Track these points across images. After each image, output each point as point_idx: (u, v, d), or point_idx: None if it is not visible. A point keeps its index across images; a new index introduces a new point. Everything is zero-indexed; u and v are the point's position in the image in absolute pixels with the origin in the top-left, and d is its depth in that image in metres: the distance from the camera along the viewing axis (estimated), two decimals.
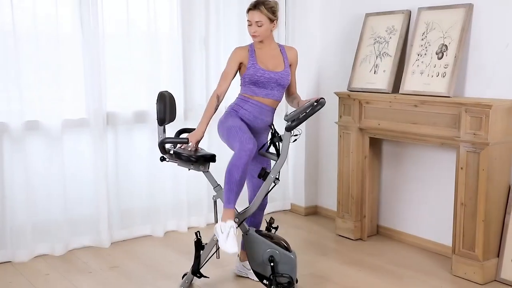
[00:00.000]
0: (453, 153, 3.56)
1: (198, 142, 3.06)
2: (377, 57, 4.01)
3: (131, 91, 4.02)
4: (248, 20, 3.09)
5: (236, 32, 4.40)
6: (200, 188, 4.33)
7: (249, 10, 3.08)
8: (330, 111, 4.25)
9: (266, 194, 3.03)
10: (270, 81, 3.10)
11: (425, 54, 3.68)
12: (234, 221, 2.87)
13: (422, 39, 3.72)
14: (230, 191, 2.82)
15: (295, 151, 4.75)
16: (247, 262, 3.26)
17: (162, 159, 3.06)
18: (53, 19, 3.63)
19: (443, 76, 3.53)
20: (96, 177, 3.87)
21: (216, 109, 3.13)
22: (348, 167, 4.10)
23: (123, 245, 3.96)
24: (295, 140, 2.95)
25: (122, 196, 4.04)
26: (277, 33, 4.64)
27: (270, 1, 3.07)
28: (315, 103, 2.86)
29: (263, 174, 2.95)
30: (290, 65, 3.22)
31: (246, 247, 3.04)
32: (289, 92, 3.33)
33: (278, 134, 2.95)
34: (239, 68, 3.16)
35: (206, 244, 3.09)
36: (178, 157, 3.01)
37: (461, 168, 3.33)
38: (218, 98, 3.11)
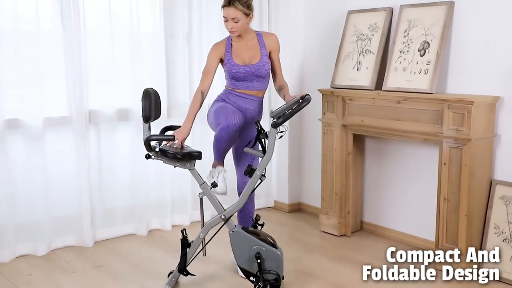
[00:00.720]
0: (436, 149, 3.60)
1: (184, 139, 3.04)
2: (360, 54, 4.02)
3: (113, 88, 3.97)
4: (224, 16, 3.09)
5: (219, 29, 4.32)
6: (184, 185, 4.30)
7: (223, 6, 3.08)
8: (314, 108, 4.25)
9: (253, 191, 3.03)
10: (247, 75, 3.15)
11: (408, 51, 3.70)
12: (221, 218, 2.96)
13: (404, 36, 3.74)
14: (218, 151, 3.05)
15: (279, 148, 4.74)
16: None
17: (148, 156, 3.04)
18: (33, 15, 3.56)
19: (426, 73, 3.56)
20: (78, 176, 3.82)
21: (201, 105, 3.15)
22: (332, 164, 4.11)
23: (106, 244, 3.92)
24: (281, 136, 2.95)
25: (105, 195, 3.99)
26: (259, 29, 4.63)
27: None
28: (301, 100, 2.87)
29: (249, 171, 2.95)
30: (270, 52, 3.24)
31: (233, 244, 3.03)
32: (275, 78, 3.34)
33: (264, 131, 2.95)
34: (222, 61, 3.20)
35: (192, 241, 3.08)
36: (163, 154, 2.99)
37: (444, 163, 3.37)
38: (202, 94, 3.15)
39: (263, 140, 2.97)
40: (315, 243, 4.04)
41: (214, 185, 3.03)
